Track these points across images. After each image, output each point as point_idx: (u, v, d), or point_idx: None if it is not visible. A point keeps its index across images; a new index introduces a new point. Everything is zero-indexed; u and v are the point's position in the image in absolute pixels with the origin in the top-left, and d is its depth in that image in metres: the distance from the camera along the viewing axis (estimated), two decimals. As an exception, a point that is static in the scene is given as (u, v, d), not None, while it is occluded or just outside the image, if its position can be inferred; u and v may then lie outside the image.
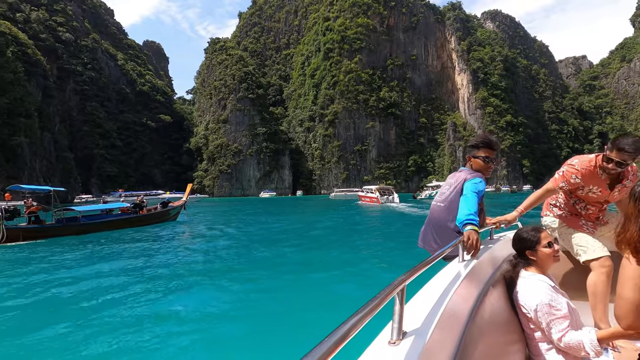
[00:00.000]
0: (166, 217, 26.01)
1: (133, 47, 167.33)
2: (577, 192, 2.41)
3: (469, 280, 1.40)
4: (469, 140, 2.68)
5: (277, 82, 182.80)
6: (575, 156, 2.46)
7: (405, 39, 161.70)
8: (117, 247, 13.31)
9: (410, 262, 11.15)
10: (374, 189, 42.93)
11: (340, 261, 9.93)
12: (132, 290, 7.05)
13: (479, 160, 2.55)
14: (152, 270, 8.88)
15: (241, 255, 11.43)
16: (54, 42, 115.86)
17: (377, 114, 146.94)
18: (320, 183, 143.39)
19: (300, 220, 26.91)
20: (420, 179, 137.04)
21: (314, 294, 6.72)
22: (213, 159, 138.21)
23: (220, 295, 6.69)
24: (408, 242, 12.69)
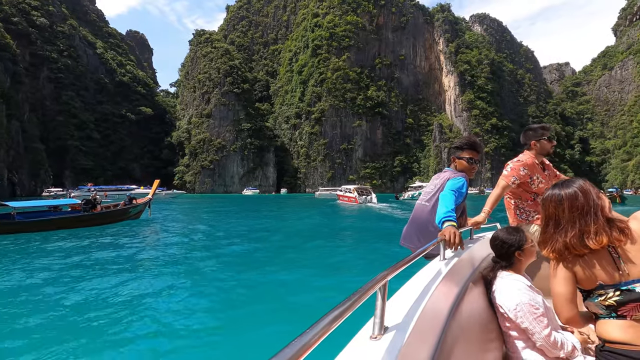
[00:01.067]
0: (126, 215, 23.22)
1: (114, 36, 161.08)
2: (531, 187, 2.55)
3: (449, 278, 1.42)
4: (454, 142, 2.77)
5: (264, 77, 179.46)
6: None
7: (394, 38, 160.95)
8: (47, 250, 10.93)
9: (382, 259, 9.53)
10: (352, 188, 42.45)
11: (315, 259, 9.69)
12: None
13: (463, 161, 2.65)
14: (75, 285, 6.67)
15: (199, 259, 9.59)
16: (27, 27, 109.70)
17: (364, 113, 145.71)
18: (305, 181, 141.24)
19: (278, 217, 25.05)
20: (406, 180, 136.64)
21: (284, 294, 6.38)
22: (195, 154, 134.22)
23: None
24: (384, 240, 12.92)
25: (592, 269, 1.35)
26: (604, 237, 1.33)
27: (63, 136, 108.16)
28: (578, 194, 1.41)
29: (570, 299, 1.42)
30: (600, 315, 1.38)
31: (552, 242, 1.44)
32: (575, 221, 1.39)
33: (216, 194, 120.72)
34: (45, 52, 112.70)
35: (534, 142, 2.66)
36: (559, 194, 1.45)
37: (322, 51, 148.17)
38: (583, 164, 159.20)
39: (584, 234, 1.36)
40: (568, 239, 1.38)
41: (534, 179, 2.56)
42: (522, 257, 1.87)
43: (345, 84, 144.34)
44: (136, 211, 24.21)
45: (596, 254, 1.36)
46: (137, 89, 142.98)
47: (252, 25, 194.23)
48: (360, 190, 42.39)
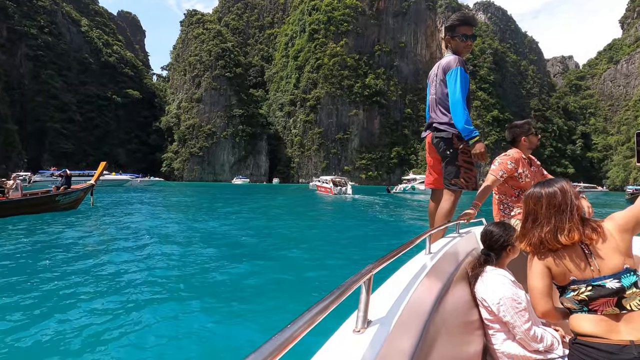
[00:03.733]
0: (52, 204, 17.88)
1: (101, 14, 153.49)
2: (519, 181, 2.60)
3: (434, 272, 1.44)
4: (447, 22, 2.75)
5: (258, 62, 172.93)
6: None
7: (394, 24, 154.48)
8: None
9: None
10: (328, 179, 44.42)
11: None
12: None
13: (456, 39, 2.67)
14: None
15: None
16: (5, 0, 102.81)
17: (362, 102, 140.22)
18: (299, 171, 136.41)
19: (257, 208, 20.77)
20: (403, 172, 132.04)
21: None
22: (184, 140, 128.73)
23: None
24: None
25: (565, 264, 1.42)
26: (575, 233, 1.39)
27: (42, 118, 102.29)
28: (557, 192, 1.48)
29: (545, 293, 1.48)
30: (574, 310, 1.43)
31: (529, 236, 1.52)
32: (552, 217, 1.46)
33: (205, 182, 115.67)
34: (24, 28, 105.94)
35: (524, 138, 2.68)
36: (540, 191, 1.52)
37: (319, 36, 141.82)
38: (584, 160, 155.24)
39: (558, 229, 1.42)
40: (543, 234, 1.46)
41: (521, 172, 2.59)
42: (511, 252, 1.95)
43: (343, 71, 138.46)
44: (69, 199, 18.67)
45: (569, 250, 1.43)
46: (124, 71, 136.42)
47: (248, 7, 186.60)
48: (336, 181, 43.43)
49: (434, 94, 2.75)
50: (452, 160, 2.64)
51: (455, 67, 2.56)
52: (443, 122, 2.65)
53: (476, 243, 2.46)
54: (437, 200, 2.91)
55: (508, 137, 2.77)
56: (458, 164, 2.63)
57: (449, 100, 2.57)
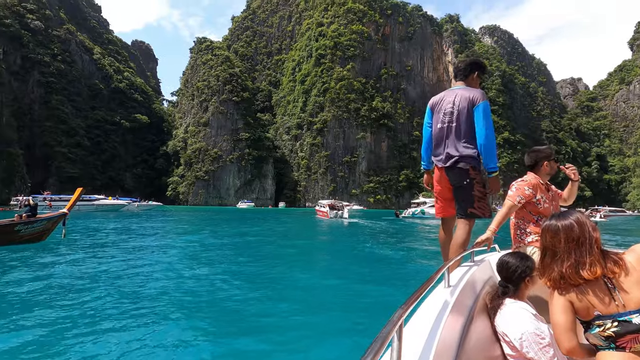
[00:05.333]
0: (11, 235, 15.10)
1: (114, 43, 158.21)
2: (537, 207, 2.55)
3: (455, 307, 1.42)
4: (474, 59, 2.96)
5: (266, 87, 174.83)
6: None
7: (400, 48, 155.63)
8: None
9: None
10: (325, 203, 45.01)
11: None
12: None
13: (476, 77, 2.87)
14: None
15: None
16: (20, 29, 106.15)
17: (369, 125, 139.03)
18: (306, 195, 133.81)
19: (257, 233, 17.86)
20: (412, 195, 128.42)
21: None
22: (190, 164, 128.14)
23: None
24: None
25: (588, 299, 1.37)
26: (598, 268, 1.36)
27: (50, 142, 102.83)
28: (574, 225, 1.44)
29: (569, 328, 1.42)
30: (600, 347, 1.37)
31: (549, 271, 1.48)
32: (571, 252, 1.42)
33: (210, 206, 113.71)
34: (37, 56, 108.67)
35: (546, 163, 2.65)
36: (556, 225, 1.48)
37: (326, 60, 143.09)
38: (601, 182, 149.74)
39: (579, 264, 1.39)
40: (564, 269, 1.42)
41: (539, 198, 2.56)
42: (530, 283, 1.88)
43: (349, 94, 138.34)
44: (32, 230, 15.85)
45: (591, 284, 1.38)
46: (133, 96, 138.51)
47: (257, 35, 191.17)
48: (333, 205, 43.75)
49: (453, 124, 2.70)
50: (468, 190, 2.63)
51: (484, 101, 2.59)
52: (463, 154, 2.63)
53: (492, 271, 2.38)
54: (447, 229, 2.91)
55: (528, 161, 2.71)
56: (473, 193, 2.62)
57: (481, 135, 2.57)
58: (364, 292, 7.36)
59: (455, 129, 2.65)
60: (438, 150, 2.80)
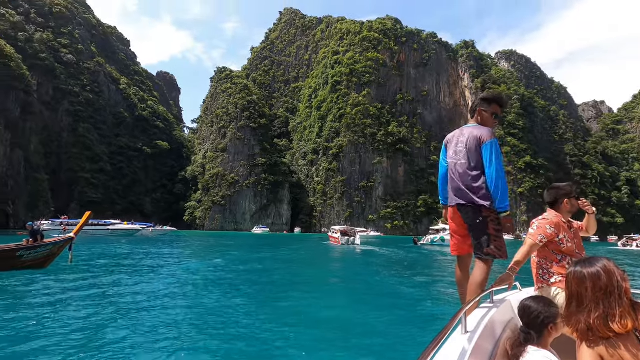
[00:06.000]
0: (12, 261, 14.63)
1: (140, 74, 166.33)
2: (560, 246, 2.50)
3: (474, 355, 1.33)
4: (482, 94, 2.89)
5: (283, 114, 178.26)
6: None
7: (416, 74, 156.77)
8: None
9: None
10: (337, 229, 44.82)
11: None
12: None
13: (488, 114, 2.79)
14: None
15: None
16: (54, 62, 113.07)
17: (385, 150, 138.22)
18: (321, 220, 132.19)
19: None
20: (431, 221, 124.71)
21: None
22: (208, 189, 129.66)
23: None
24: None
25: (620, 354, 1.27)
26: (629, 321, 1.26)
27: (74, 168, 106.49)
28: (601, 273, 1.36)
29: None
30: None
31: (575, 321, 1.39)
32: (599, 302, 1.34)
33: (225, 231, 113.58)
34: (68, 87, 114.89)
35: (566, 200, 2.61)
36: (581, 272, 1.40)
37: (342, 87, 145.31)
38: (632, 209, 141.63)
39: (608, 316, 1.30)
40: (592, 320, 1.33)
41: (562, 237, 2.50)
42: (554, 331, 1.75)
43: (365, 120, 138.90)
44: (35, 256, 15.35)
45: (622, 338, 1.29)
46: (155, 124, 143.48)
47: (274, 64, 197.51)
48: (345, 231, 43.26)
49: (461, 161, 2.70)
50: (483, 229, 2.57)
51: (491, 140, 2.58)
52: (474, 192, 2.61)
53: (513, 313, 2.25)
54: (464, 267, 2.85)
55: (548, 199, 2.68)
56: (489, 232, 2.55)
57: (488, 173, 2.55)
58: (374, 333, 6.33)
59: (464, 167, 2.66)
60: (450, 188, 2.79)
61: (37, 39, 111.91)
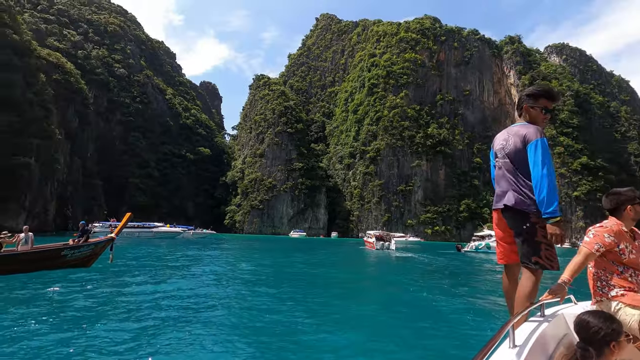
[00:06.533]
0: (58, 260, 15.28)
1: (184, 84, 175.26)
2: (621, 257, 2.32)
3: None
4: (526, 90, 2.68)
5: (320, 119, 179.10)
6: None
7: (457, 73, 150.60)
8: None
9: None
10: (372, 234, 44.71)
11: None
12: None
13: (536, 110, 2.58)
14: None
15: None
16: (108, 77, 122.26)
17: (424, 152, 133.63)
18: (359, 225, 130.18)
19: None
20: (475, 227, 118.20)
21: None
22: (247, 193, 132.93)
23: None
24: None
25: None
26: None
27: (125, 174, 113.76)
28: None
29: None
30: None
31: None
32: None
33: (263, 234, 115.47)
34: (120, 98, 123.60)
35: (629, 207, 2.39)
36: None
37: (379, 89, 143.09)
38: None
39: None
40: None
41: (623, 248, 2.30)
42: (616, 349, 1.61)
43: (403, 122, 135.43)
44: (78, 255, 16.00)
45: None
46: (198, 131, 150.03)
47: (311, 70, 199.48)
48: (380, 236, 42.87)
49: (505, 163, 2.57)
50: (531, 236, 2.39)
51: (538, 139, 2.40)
52: (519, 196, 2.45)
53: (567, 328, 2.11)
54: (511, 277, 2.66)
55: (608, 205, 2.49)
56: (537, 239, 2.37)
57: (534, 175, 2.37)
58: (408, 345, 5.72)
59: (509, 169, 2.52)
60: (496, 192, 2.65)
61: (94, 56, 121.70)
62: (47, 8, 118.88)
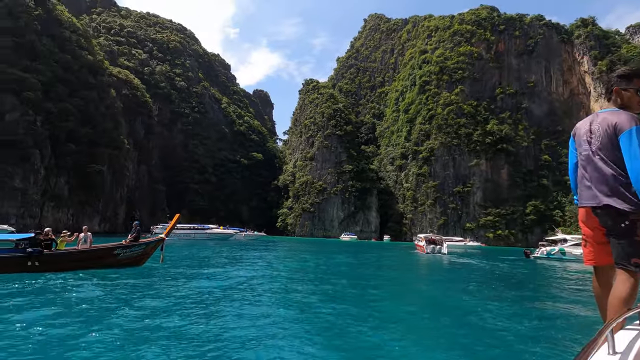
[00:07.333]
0: (111, 258, 16.03)
1: (238, 93, 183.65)
2: None
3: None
4: (616, 70, 2.44)
5: (370, 120, 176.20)
6: None
7: (519, 64, 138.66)
8: None
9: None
10: (422, 237, 43.22)
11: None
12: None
13: (629, 93, 2.30)
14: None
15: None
16: (170, 90, 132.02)
17: (483, 151, 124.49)
18: (412, 228, 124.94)
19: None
20: (545, 231, 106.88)
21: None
22: (298, 196, 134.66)
23: None
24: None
25: None
26: None
27: (185, 180, 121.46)
28: None
29: None
30: None
31: None
32: None
33: (314, 237, 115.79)
34: (181, 109, 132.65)
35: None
36: None
37: (431, 86, 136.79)
38: None
39: None
40: None
41: None
42: None
43: (459, 119, 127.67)
44: (130, 254, 16.66)
45: None
46: (251, 137, 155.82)
47: (360, 71, 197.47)
48: (431, 239, 40.92)
49: (594, 154, 2.32)
50: (629, 236, 2.15)
51: (633, 127, 2.13)
52: (612, 191, 2.22)
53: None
54: (603, 281, 2.44)
55: None
56: (638, 239, 2.14)
57: (630, 167, 2.12)
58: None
59: (598, 162, 2.26)
60: (580, 186, 2.41)
61: (157, 71, 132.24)
62: (119, 31, 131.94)
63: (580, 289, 13.41)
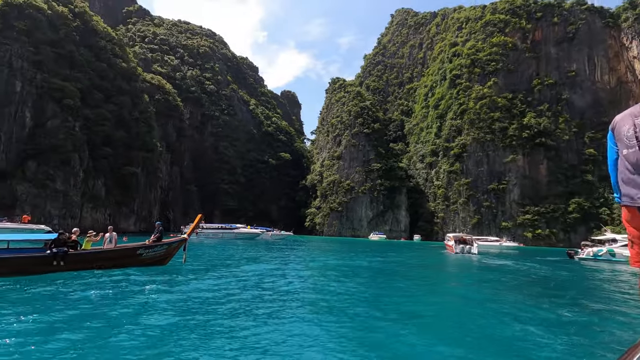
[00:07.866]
0: (134, 258, 16.35)
1: (266, 95, 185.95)
2: None
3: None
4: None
5: (398, 117, 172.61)
6: None
7: (558, 53, 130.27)
8: None
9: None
10: (451, 236, 41.83)
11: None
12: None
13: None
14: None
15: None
16: (200, 93, 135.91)
17: (520, 146, 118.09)
18: (444, 227, 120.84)
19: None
20: (590, 230, 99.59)
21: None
22: (325, 196, 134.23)
23: None
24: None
25: None
26: None
27: (216, 180, 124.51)
28: None
29: None
30: None
31: None
32: None
33: (343, 237, 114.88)
34: (211, 112, 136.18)
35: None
36: None
37: (462, 80, 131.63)
38: None
39: None
40: None
41: None
42: None
43: (493, 113, 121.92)
44: (153, 254, 16.95)
45: None
46: (279, 137, 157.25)
47: (387, 68, 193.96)
48: (460, 239, 39.72)
49: (633, 151, 2.20)
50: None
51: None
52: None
53: None
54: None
55: None
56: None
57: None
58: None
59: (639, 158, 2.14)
60: (623, 183, 2.25)
61: (188, 76, 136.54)
62: (152, 39, 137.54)
63: (631, 292, 11.87)
